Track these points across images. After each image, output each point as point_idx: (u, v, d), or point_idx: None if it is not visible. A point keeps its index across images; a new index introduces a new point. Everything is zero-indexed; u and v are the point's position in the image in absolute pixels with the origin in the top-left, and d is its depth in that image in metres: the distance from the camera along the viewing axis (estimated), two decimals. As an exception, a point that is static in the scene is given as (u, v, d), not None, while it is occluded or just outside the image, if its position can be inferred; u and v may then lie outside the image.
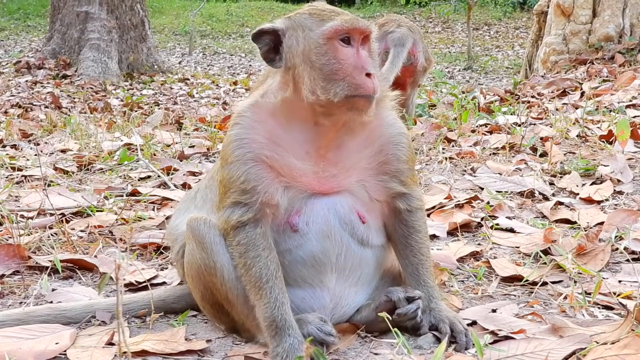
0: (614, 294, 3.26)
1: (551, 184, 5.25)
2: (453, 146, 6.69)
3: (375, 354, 2.82)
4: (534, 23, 14.44)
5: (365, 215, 2.96)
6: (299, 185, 2.86)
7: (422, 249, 3.07)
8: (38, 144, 7.72)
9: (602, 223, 4.25)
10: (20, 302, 3.42)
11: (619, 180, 5.13)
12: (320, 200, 2.88)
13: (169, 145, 7.27)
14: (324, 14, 2.82)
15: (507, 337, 2.86)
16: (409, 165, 3.01)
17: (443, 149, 6.50)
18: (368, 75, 2.73)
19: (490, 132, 7.22)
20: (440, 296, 3.11)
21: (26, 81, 17.24)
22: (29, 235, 4.18)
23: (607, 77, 10.85)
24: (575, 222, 4.36)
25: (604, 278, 3.45)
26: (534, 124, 7.33)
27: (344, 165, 2.90)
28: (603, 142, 6.24)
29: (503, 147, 6.31)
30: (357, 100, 2.73)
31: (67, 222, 4.52)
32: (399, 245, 3.08)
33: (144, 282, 3.54)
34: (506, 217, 4.49)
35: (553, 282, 3.51)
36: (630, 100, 8.46)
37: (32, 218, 4.55)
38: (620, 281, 3.49)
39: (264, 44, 2.86)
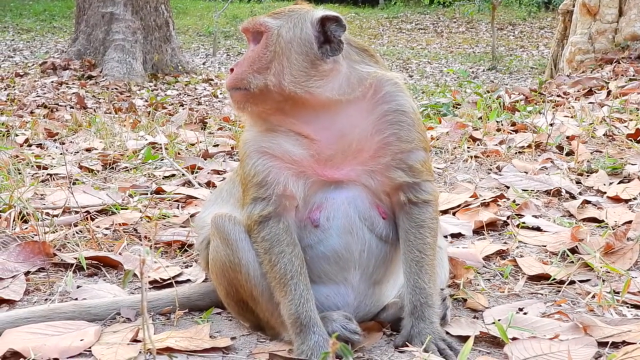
0: (643, 293, 3.23)
1: (578, 182, 5.20)
2: (478, 145, 6.64)
3: (401, 352, 2.79)
4: (560, 22, 14.37)
5: (387, 210, 2.90)
6: (306, 171, 2.80)
7: (422, 246, 2.87)
8: (63, 143, 7.76)
9: (630, 222, 4.21)
10: (46, 299, 3.44)
11: (646, 179, 5.07)
12: (340, 195, 2.83)
13: (193, 144, 7.27)
14: None
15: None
16: (414, 145, 2.84)
17: (468, 147, 6.45)
18: (231, 70, 2.83)
19: (516, 131, 7.17)
20: (438, 304, 2.89)
21: (52, 82, 17.36)
22: (54, 232, 4.20)
23: (633, 76, 10.75)
24: (602, 221, 4.32)
25: (632, 277, 3.40)
26: (560, 123, 7.26)
27: (339, 147, 2.80)
28: (630, 140, 6.17)
29: (529, 146, 6.26)
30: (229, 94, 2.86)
31: (92, 219, 4.53)
32: (400, 241, 2.92)
33: (169, 279, 3.54)
34: (532, 216, 4.45)
35: (581, 281, 3.47)
36: (658, 99, 8.37)
37: (57, 216, 4.57)
38: (649, 280, 3.45)
39: None
